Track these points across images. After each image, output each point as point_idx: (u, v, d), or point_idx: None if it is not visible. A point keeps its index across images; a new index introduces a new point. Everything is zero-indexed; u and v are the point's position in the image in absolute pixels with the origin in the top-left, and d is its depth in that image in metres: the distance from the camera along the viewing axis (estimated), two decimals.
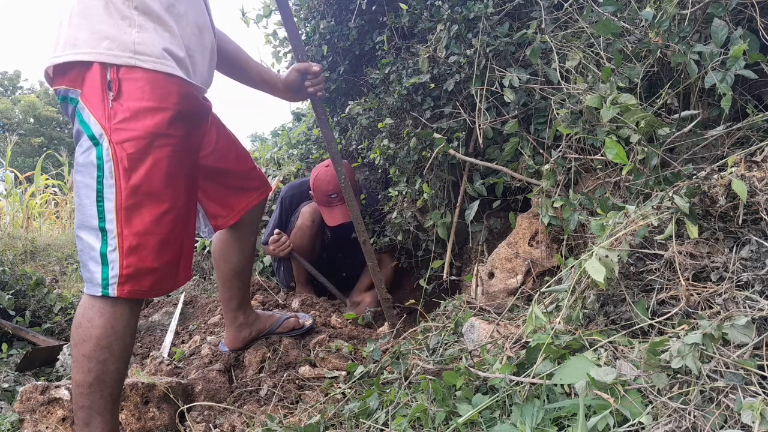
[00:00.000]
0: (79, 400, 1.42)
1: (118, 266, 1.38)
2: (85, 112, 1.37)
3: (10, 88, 31.22)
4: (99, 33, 1.37)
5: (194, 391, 1.96)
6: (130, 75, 1.36)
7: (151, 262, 1.41)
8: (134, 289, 1.40)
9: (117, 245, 1.37)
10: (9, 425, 1.73)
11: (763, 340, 1.02)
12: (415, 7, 2.53)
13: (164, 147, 1.41)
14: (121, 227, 1.37)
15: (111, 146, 1.35)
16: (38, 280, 3.19)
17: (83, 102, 1.37)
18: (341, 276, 3.32)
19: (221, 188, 1.85)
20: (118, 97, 1.36)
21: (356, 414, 1.47)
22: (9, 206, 7.94)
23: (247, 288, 2.11)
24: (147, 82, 1.37)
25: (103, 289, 1.39)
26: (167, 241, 1.44)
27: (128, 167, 1.36)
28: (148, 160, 1.38)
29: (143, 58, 1.37)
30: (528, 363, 1.23)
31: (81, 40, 1.37)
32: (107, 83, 1.35)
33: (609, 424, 0.97)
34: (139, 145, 1.37)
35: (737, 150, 1.54)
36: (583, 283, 1.34)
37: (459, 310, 1.91)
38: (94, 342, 1.40)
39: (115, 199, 1.36)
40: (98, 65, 1.36)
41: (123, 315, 1.42)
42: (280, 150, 4.72)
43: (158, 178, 1.40)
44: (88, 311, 1.42)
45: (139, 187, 1.38)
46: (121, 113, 1.36)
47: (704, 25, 1.70)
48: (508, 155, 2.18)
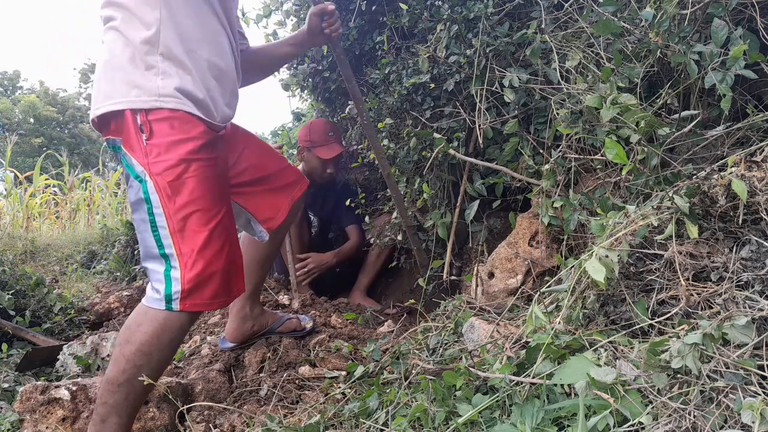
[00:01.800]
0: (104, 395, 1.49)
1: (180, 283, 1.47)
2: (127, 156, 1.52)
3: (10, 88, 31.24)
4: (129, 83, 1.51)
5: (194, 391, 1.96)
6: (157, 116, 1.50)
7: (209, 274, 1.50)
8: (195, 302, 1.49)
9: (179, 265, 1.48)
10: (9, 425, 1.73)
11: (763, 340, 1.02)
12: (415, 7, 2.53)
13: (199, 169, 1.53)
14: (179, 249, 1.48)
15: (153, 179, 1.49)
16: (38, 280, 3.19)
17: (125, 148, 1.52)
18: (334, 271, 3.34)
19: (266, 193, 1.97)
20: (151, 136, 1.50)
21: (356, 414, 1.47)
22: (9, 206, 7.94)
23: (263, 280, 2.17)
24: (173, 119, 1.52)
25: (166, 304, 1.48)
26: (220, 253, 1.54)
27: (171, 193, 1.49)
28: (187, 183, 1.51)
29: (167, 100, 1.51)
30: (528, 363, 1.23)
31: (114, 91, 1.52)
32: (139, 127, 1.50)
33: (609, 424, 0.97)
34: (177, 172, 1.50)
35: (737, 150, 1.54)
36: (583, 283, 1.34)
37: (459, 310, 1.91)
38: (137, 346, 1.48)
39: (167, 225, 1.48)
40: (129, 112, 1.50)
41: (172, 329, 1.50)
42: (280, 150, 4.71)
43: (199, 197, 1.52)
44: (140, 317, 1.51)
45: (184, 208, 1.50)
46: (155, 149, 1.50)
47: (704, 25, 1.70)
48: (508, 155, 2.18)
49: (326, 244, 3.38)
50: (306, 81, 3.44)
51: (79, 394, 1.76)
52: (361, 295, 3.18)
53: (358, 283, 3.23)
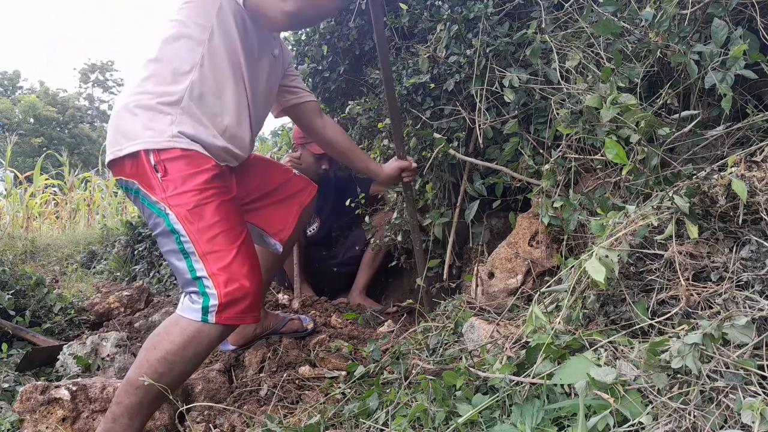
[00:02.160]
0: (121, 395, 1.53)
1: (217, 297, 1.51)
2: (148, 197, 1.58)
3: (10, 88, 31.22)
4: (144, 126, 1.59)
5: (194, 391, 1.96)
6: (170, 155, 1.57)
7: (242, 290, 1.54)
8: (230, 315, 1.53)
9: (213, 284, 1.53)
10: (9, 425, 1.73)
11: (763, 340, 1.02)
12: (415, 7, 2.53)
13: (215, 195, 1.60)
14: (210, 269, 1.53)
15: (173, 211, 1.55)
16: (38, 280, 3.19)
17: (143, 188, 1.58)
18: (331, 271, 3.34)
19: (274, 206, 2.04)
20: (166, 174, 1.57)
21: (356, 414, 1.47)
22: (9, 206, 7.95)
23: (268, 286, 2.23)
24: (185, 156, 1.59)
25: (202, 315, 1.52)
26: (249, 269, 1.58)
27: (193, 219, 1.55)
28: (206, 208, 1.57)
29: (179, 141, 1.59)
30: (528, 363, 1.23)
31: (131, 134, 1.59)
32: (153, 166, 1.57)
33: (609, 424, 0.97)
34: (195, 200, 1.56)
35: (737, 150, 1.54)
36: (583, 283, 1.34)
37: (459, 310, 1.91)
38: (162, 354, 1.52)
39: (195, 250, 1.54)
40: (143, 153, 1.57)
41: (200, 343, 1.54)
42: (280, 150, 4.72)
43: (221, 219, 1.58)
44: (171, 327, 1.55)
45: (209, 231, 1.56)
46: (172, 183, 1.57)
47: (704, 25, 1.70)
48: (508, 155, 2.18)
49: (326, 243, 3.38)
50: (306, 81, 3.44)
51: (79, 394, 1.76)
52: (360, 295, 3.18)
53: (356, 284, 3.23)
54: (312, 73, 3.35)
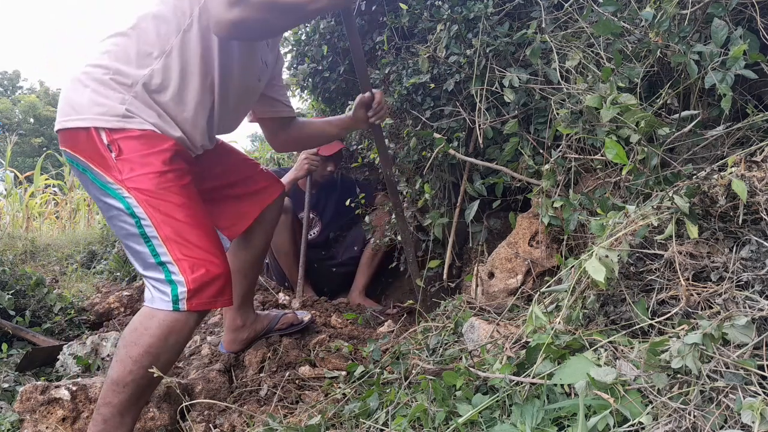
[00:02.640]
0: (108, 395, 1.50)
1: (185, 284, 1.48)
2: (101, 176, 1.52)
3: (10, 88, 31.21)
4: (92, 100, 1.52)
5: (194, 391, 1.96)
6: (123, 134, 1.51)
7: (210, 274, 1.51)
8: (201, 301, 1.51)
9: (178, 270, 1.49)
10: (9, 425, 1.73)
11: (763, 340, 1.02)
12: (415, 7, 2.53)
13: (176, 177, 1.55)
14: (174, 254, 1.49)
15: (132, 194, 1.50)
16: (38, 280, 3.19)
17: (96, 167, 1.52)
18: (330, 271, 3.34)
19: (230, 200, 1.95)
20: (120, 153, 1.50)
21: (356, 414, 1.47)
22: (9, 206, 7.94)
23: (252, 288, 2.14)
24: (141, 136, 1.53)
25: (173, 305, 1.49)
26: (214, 252, 1.55)
27: (154, 203, 1.50)
28: (168, 191, 1.52)
29: (131, 121, 1.53)
30: (528, 363, 1.23)
31: (79, 106, 1.52)
32: (107, 146, 1.50)
33: (609, 424, 0.97)
34: (156, 180, 1.51)
35: (737, 150, 1.54)
36: (583, 283, 1.34)
37: (459, 310, 1.91)
38: (144, 348, 1.49)
39: (158, 234, 1.49)
40: (94, 130, 1.51)
41: (180, 331, 1.51)
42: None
43: (182, 202, 1.53)
44: (147, 320, 1.51)
45: (171, 215, 1.51)
46: (128, 164, 1.50)
47: (704, 25, 1.70)
48: (508, 155, 2.18)
49: (325, 244, 3.38)
50: (306, 81, 3.44)
51: (79, 394, 1.76)
52: (360, 295, 3.18)
53: (355, 284, 3.23)
54: (312, 73, 3.35)
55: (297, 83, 3.53)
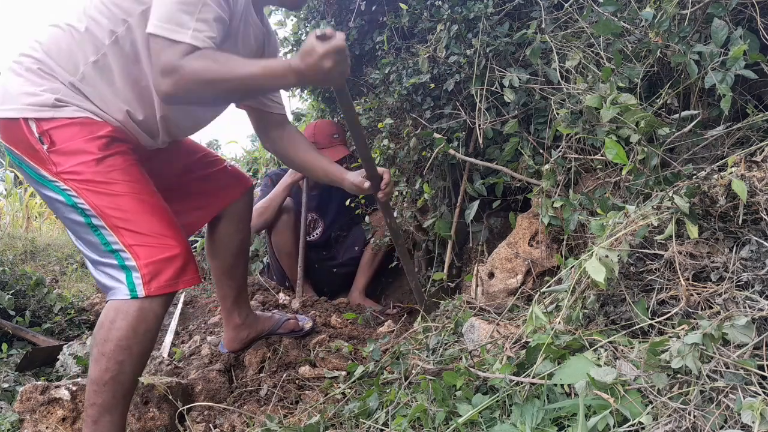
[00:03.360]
0: (92, 396, 1.47)
1: (138, 270, 1.45)
2: (36, 170, 1.47)
3: None
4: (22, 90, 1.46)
5: (194, 391, 1.96)
6: (54, 124, 1.45)
7: (163, 254, 1.47)
8: (159, 285, 1.46)
9: (130, 255, 1.45)
10: (9, 425, 1.73)
11: (763, 340, 1.02)
12: (415, 7, 2.53)
13: (115, 161, 1.49)
14: (125, 240, 1.46)
15: (70, 185, 1.45)
16: (38, 280, 3.19)
17: (30, 161, 1.47)
18: (331, 272, 3.34)
19: (190, 196, 1.88)
20: (53, 144, 1.45)
21: (356, 414, 1.47)
22: (9, 206, 7.94)
23: (242, 287, 2.11)
24: (73, 124, 1.47)
25: (131, 292, 1.46)
26: (166, 231, 1.50)
27: (96, 192, 1.45)
28: (108, 177, 1.47)
29: (61, 110, 1.47)
30: (528, 363, 1.23)
31: (10, 96, 1.47)
32: (38, 138, 1.45)
33: (609, 424, 0.97)
34: (93, 169, 1.45)
35: (737, 150, 1.54)
36: (583, 283, 1.34)
37: (459, 310, 1.91)
38: (115, 343, 1.45)
39: (105, 223, 1.46)
40: (22, 121, 1.45)
41: (147, 319, 1.47)
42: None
43: (125, 186, 1.48)
44: (111, 314, 1.48)
45: (116, 200, 1.47)
46: (63, 157, 1.45)
47: (704, 25, 1.70)
48: (508, 155, 2.18)
49: (325, 244, 3.38)
50: None
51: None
52: (360, 295, 3.18)
53: (355, 284, 3.23)
54: None
55: None
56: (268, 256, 3.48)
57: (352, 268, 3.28)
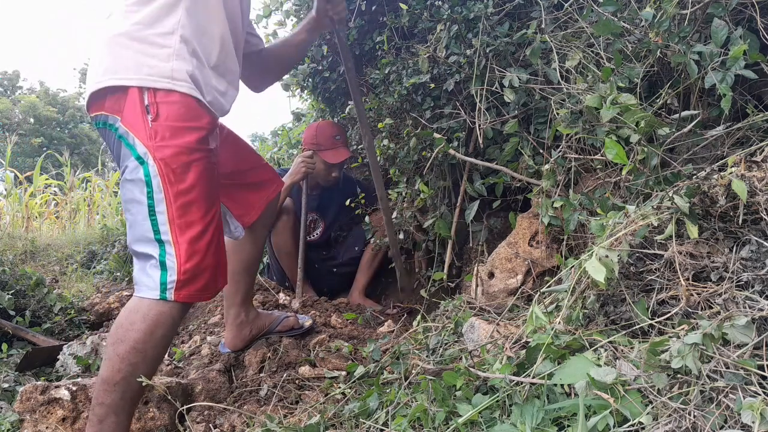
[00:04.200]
0: (101, 396, 1.47)
1: (176, 272, 1.45)
2: (129, 136, 1.47)
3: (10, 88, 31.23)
4: (140, 60, 1.47)
5: (194, 391, 1.96)
6: (167, 99, 1.47)
7: (203, 266, 1.49)
8: (189, 293, 1.48)
9: (174, 253, 1.46)
10: (9, 425, 1.73)
11: (763, 340, 1.02)
12: (415, 7, 2.53)
13: (202, 159, 1.52)
14: (176, 237, 1.46)
15: (156, 163, 1.45)
16: (38, 280, 3.19)
17: (125, 126, 1.47)
18: (331, 272, 3.34)
19: (241, 188, 1.95)
20: (157, 118, 1.46)
21: (356, 414, 1.47)
22: (9, 206, 7.94)
23: (252, 285, 2.15)
24: (183, 105, 1.48)
25: (161, 293, 1.46)
26: (214, 244, 1.53)
27: (174, 180, 1.46)
28: (191, 172, 1.48)
29: (180, 84, 1.48)
30: (528, 363, 1.23)
31: (120, 66, 1.48)
32: (146, 107, 1.46)
33: (609, 424, 0.97)
34: (182, 159, 1.47)
35: (737, 150, 1.54)
36: (583, 283, 1.34)
37: (459, 310, 1.91)
38: (131, 344, 1.46)
39: (166, 212, 1.46)
40: (137, 89, 1.46)
41: (165, 324, 1.48)
42: (280, 150, 4.72)
43: (200, 187, 1.51)
44: (132, 315, 1.48)
45: (186, 196, 1.48)
46: (161, 132, 1.46)
47: (704, 25, 1.70)
48: (508, 155, 2.18)
49: (325, 244, 3.38)
50: (306, 81, 3.44)
51: (79, 394, 1.76)
52: (360, 295, 3.18)
53: (355, 284, 3.23)
54: (312, 73, 3.35)
55: (297, 83, 3.53)
56: (268, 256, 3.48)
57: (352, 268, 3.28)
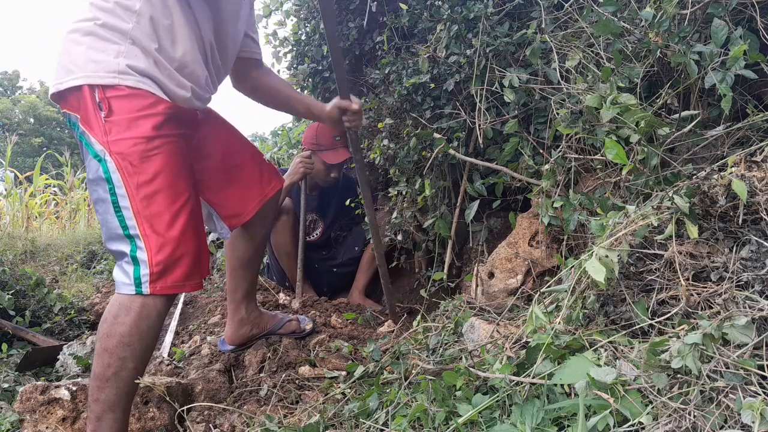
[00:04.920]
0: (95, 392, 1.47)
1: (148, 265, 1.44)
2: (86, 135, 1.46)
3: (10, 88, 31.22)
4: (88, 58, 1.46)
5: (194, 391, 1.95)
6: (116, 93, 1.45)
7: (177, 256, 1.47)
8: (165, 285, 1.46)
9: (144, 246, 1.44)
10: (9, 425, 1.73)
11: (763, 340, 1.02)
12: (415, 7, 2.53)
13: (162, 146, 1.48)
14: (144, 229, 1.44)
15: (113, 158, 1.43)
16: (38, 280, 3.19)
17: (83, 126, 1.47)
18: (331, 272, 3.34)
19: (233, 186, 1.88)
20: (110, 114, 1.44)
21: (356, 414, 1.47)
22: (9, 206, 7.94)
23: (254, 282, 2.13)
24: (134, 96, 1.46)
25: (136, 288, 1.45)
26: (187, 233, 1.50)
27: (133, 172, 1.44)
28: (151, 161, 1.45)
29: (125, 77, 1.46)
30: (528, 363, 1.23)
31: (73, 65, 1.47)
32: (97, 104, 1.44)
33: (609, 424, 0.97)
34: (138, 150, 1.44)
35: (737, 150, 1.54)
36: (583, 283, 1.34)
37: (459, 310, 1.91)
38: (118, 339, 1.45)
39: (131, 206, 1.44)
40: (87, 87, 1.45)
41: (149, 316, 1.47)
42: (280, 150, 4.72)
43: (165, 174, 1.47)
44: (115, 308, 1.48)
45: (148, 187, 1.45)
46: (115, 127, 1.44)
47: (704, 25, 1.70)
48: (508, 155, 2.18)
49: (325, 244, 3.38)
50: (306, 81, 3.44)
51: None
52: (360, 295, 3.18)
53: (355, 284, 3.23)
54: (312, 73, 3.35)
55: (297, 83, 3.53)
56: (267, 256, 3.48)
57: (352, 268, 3.28)
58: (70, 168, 9.50)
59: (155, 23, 1.50)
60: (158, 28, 1.51)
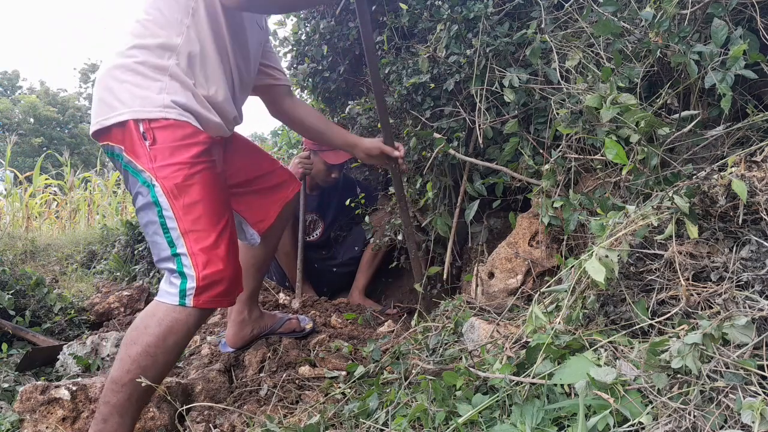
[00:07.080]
0: (107, 395, 1.50)
1: (195, 280, 1.50)
2: (132, 164, 1.55)
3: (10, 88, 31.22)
4: (133, 95, 1.55)
5: (194, 391, 1.95)
6: (159, 124, 1.54)
7: (222, 274, 1.54)
8: (208, 298, 1.52)
9: (192, 263, 1.51)
10: (9, 425, 1.73)
11: (763, 340, 1.02)
12: (415, 7, 2.53)
13: (203, 171, 1.57)
14: (191, 248, 1.52)
15: (160, 183, 1.52)
16: (38, 280, 3.19)
17: (128, 155, 1.55)
18: (331, 271, 3.34)
19: (256, 194, 1.99)
20: (154, 143, 1.53)
21: (356, 414, 1.47)
22: (9, 206, 7.95)
23: (259, 285, 2.17)
24: (176, 128, 1.55)
25: (180, 299, 1.51)
26: (230, 252, 1.58)
27: (179, 194, 1.52)
28: (194, 184, 1.54)
29: (170, 111, 1.55)
30: (528, 363, 1.23)
31: (118, 102, 1.55)
32: (142, 134, 1.53)
33: (609, 424, 0.97)
34: (183, 174, 1.53)
35: (737, 150, 1.54)
36: (583, 283, 1.34)
37: (459, 310, 1.91)
38: (143, 348, 1.49)
39: (178, 226, 1.52)
40: (132, 122, 1.53)
41: (179, 332, 1.52)
42: (280, 150, 4.71)
43: (206, 198, 1.56)
44: (147, 318, 1.53)
45: (193, 209, 1.53)
46: (160, 154, 1.53)
47: (704, 25, 1.70)
48: (508, 155, 2.18)
49: (325, 244, 3.38)
50: (306, 81, 3.44)
51: (79, 394, 1.76)
52: (360, 295, 3.18)
53: (355, 284, 3.23)
54: (312, 73, 3.35)
55: (297, 83, 3.53)
56: None
57: (352, 268, 3.28)
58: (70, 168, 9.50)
59: (192, 60, 1.60)
60: (194, 66, 1.61)
